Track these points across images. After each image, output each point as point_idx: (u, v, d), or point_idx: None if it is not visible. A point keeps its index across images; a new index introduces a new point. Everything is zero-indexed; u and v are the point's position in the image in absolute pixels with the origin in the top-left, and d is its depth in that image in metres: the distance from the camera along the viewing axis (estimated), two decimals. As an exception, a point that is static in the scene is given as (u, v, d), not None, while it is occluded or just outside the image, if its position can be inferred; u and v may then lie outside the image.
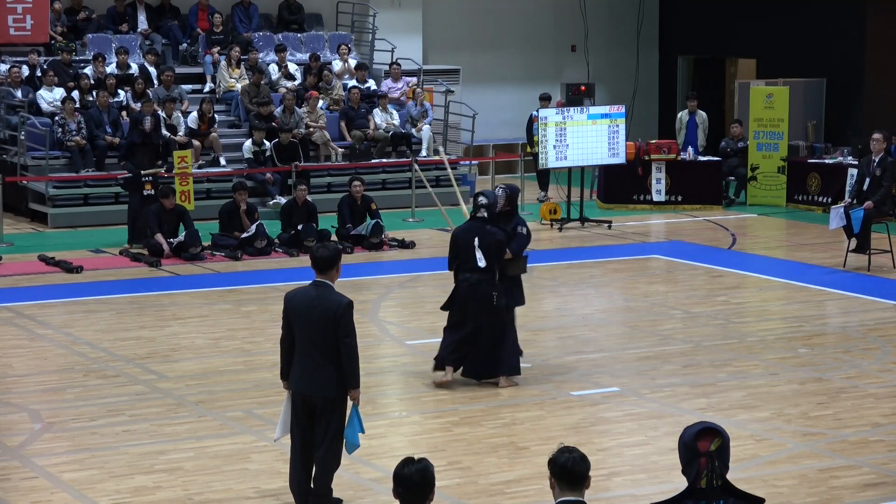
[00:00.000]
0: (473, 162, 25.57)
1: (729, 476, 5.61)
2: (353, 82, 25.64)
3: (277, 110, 24.02)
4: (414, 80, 26.52)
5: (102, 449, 10.85)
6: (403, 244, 20.13)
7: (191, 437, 11.01)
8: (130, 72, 24.28)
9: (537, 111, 24.75)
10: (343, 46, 26.18)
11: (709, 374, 13.08)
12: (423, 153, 24.76)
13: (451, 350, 12.64)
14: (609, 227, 21.88)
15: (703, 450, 5.62)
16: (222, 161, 23.38)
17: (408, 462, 5.85)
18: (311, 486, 9.40)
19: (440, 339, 14.32)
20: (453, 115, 26.03)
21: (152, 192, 19.91)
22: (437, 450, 10.70)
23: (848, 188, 21.28)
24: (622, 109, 22.76)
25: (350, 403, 9.37)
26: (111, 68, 24.16)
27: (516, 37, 29.95)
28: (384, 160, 24.40)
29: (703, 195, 23.78)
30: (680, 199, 23.76)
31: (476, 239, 12.50)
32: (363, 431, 9.49)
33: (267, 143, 22.89)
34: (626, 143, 22.73)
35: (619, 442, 11.10)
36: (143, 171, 20.12)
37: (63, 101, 22.64)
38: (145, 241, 19.45)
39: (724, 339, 14.45)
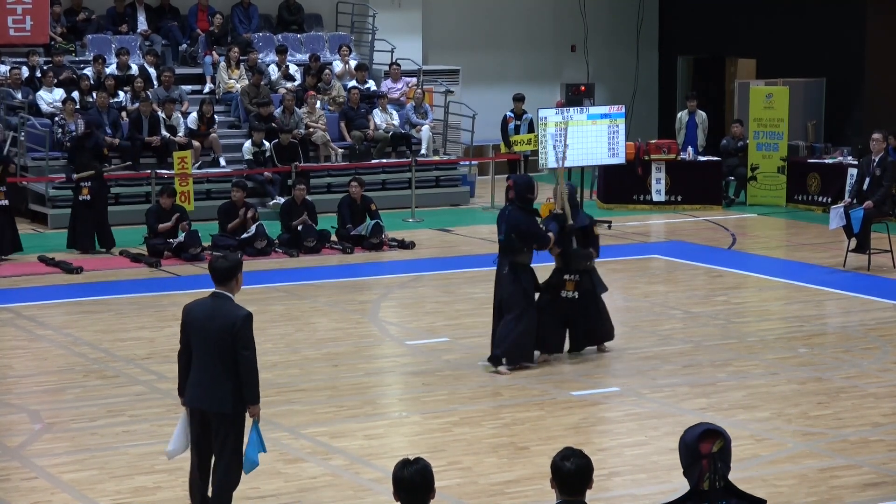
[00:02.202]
0: (473, 162, 25.56)
1: (730, 476, 5.62)
2: (352, 83, 25.65)
3: (277, 111, 24.02)
4: (414, 80, 26.53)
5: (102, 449, 10.85)
6: (403, 244, 20.13)
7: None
8: (131, 73, 24.30)
9: (511, 111, 24.81)
10: (344, 48, 26.18)
11: (709, 374, 13.08)
12: (423, 153, 24.77)
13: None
14: (609, 227, 21.87)
15: (706, 451, 5.63)
16: (222, 162, 23.38)
17: (406, 464, 5.83)
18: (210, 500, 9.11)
19: (440, 339, 14.41)
20: (453, 116, 26.04)
21: (88, 197, 19.56)
22: (437, 450, 10.70)
23: (848, 188, 21.27)
24: (622, 109, 22.75)
25: (250, 420, 8.99)
26: (111, 69, 24.17)
27: (516, 37, 29.95)
28: (384, 160, 24.41)
29: (702, 195, 23.78)
30: (680, 199, 23.76)
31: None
32: (264, 450, 9.04)
33: (267, 144, 22.89)
34: (625, 143, 22.73)
35: (619, 442, 11.10)
36: (75, 176, 19.73)
37: (63, 102, 22.64)
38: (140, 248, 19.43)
39: (725, 339, 14.45)
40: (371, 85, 25.98)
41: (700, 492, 5.63)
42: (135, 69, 24.42)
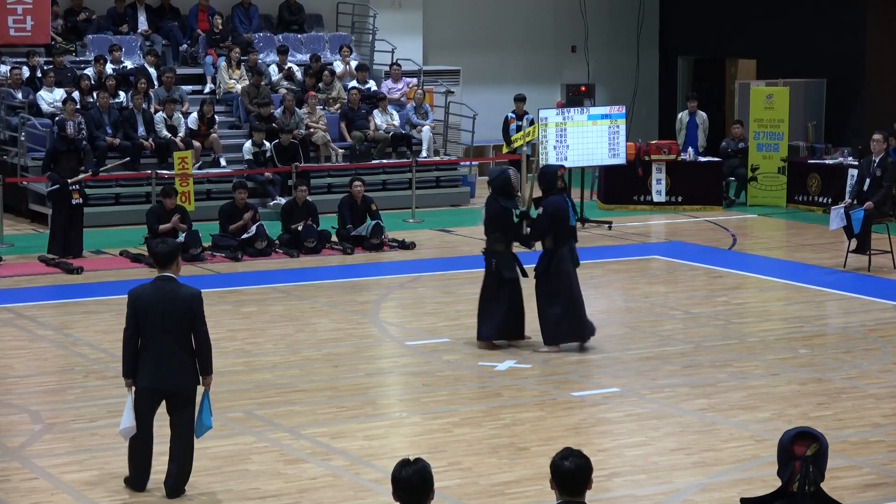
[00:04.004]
0: (474, 163, 25.56)
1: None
2: (353, 83, 25.65)
3: (277, 111, 24.02)
4: (414, 80, 26.53)
5: (103, 450, 10.85)
6: (404, 245, 20.13)
7: (191, 438, 11.00)
8: (123, 65, 24.30)
9: (512, 112, 24.83)
10: (345, 48, 26.18)
11: (709, 375, 13.09)
12: (424, 154, 24.77)
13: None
14: (609, 227, 21.88)
15: (799, 454, 5.62)
16: (222, 162, 23.38)
17: (404, 464, 5.83)
18: (171, 477, 9.73)
19: (440, 340, 14.41)
20: (453, 116, 26.04)
21: (80, 200, 19.28)
22: (438, 450, 10.70)
23: (848, 189, 21.27)
24: (622, 110, 22.77)
25: (201, 390, 9.72)
26: (108, 66, 24.12)
27: (516, 37, 29.95)
28: (384, 161, 24.41)
29: (703, 196, 23.78)
30: (680, 199, 23.76)
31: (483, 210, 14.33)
32: (211, 414, 9.84)
33: (267, 144, 22.89)
34: (626, 144, 22.74)
35: (619, 442, 11.10)
36: (69, 180, 19.23)
37: (64, 102, 22.61)
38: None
39: (725, 340, 14.45)
40: (371, 85, 25.98)
41: (788, 492, 5.61)
42: (129, 65, 24.42)
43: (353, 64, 26.09)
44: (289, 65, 25.62)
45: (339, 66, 26.05)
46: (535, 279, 13.89)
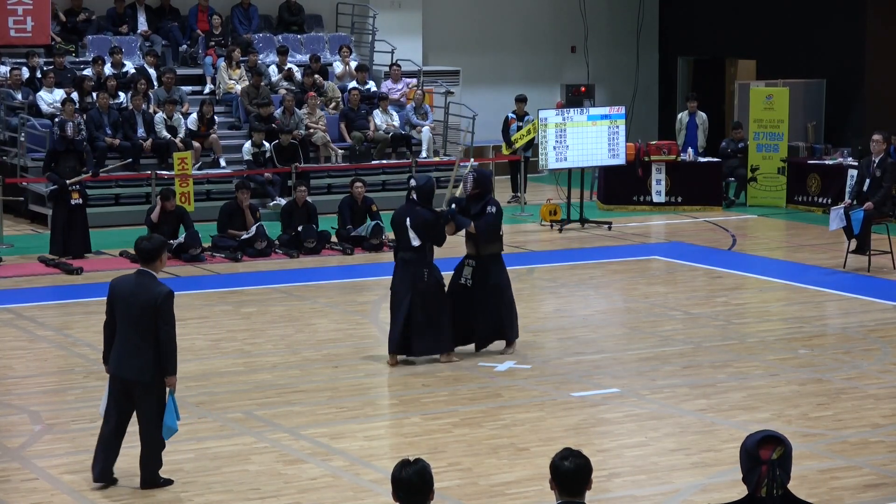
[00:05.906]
0: (473, 163, 25.53)
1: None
2: (353, 84, 25.65)
3: (277, 111, 24.02)
4: (414, 81, 26.54)
5: (103, 450, 10.84)
6: (403, 245, 20.09)
7: (191, 439, 11.00)
8: (125, 70, 24.31)
9: (513, 113, 24.84)
10: (345, 49, 26.18)
11: (709, 375, 13.09)
12: (423, 154, 24.78)
13: (398, 335, 13.38)
14: (609, 228, 21.89)
15: (765, 458, 5.59)
16: (222, 162, 23.38)
17: (404, 464, 5.83)
18: (140, 469, 9.87)
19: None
20: (453, 117, 26.04)
21: (80, 201, 19.20)
22: (438, 451, 10.71)
23: (848, 189, 21.27)
24: (622, 110, 22.77)
25: (167, 389, 9.75)
26: (107, 68, 24.14)
27: (516, 38, 29.95)
28: (384, 161, 24.41)
29: (703, 196, 23.78)
30: (680, 200, 23.77)
31: (408, 220, 13.33)
32: (178, 418, 9.84)
33: (267, 145, 22.89)
34: (626, 144, 22.73)
35: (619, 443, 11.10)
36: (68, 181, 19.12)
37: (63, 103, 22.61)
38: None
39: (725, 340, 14.45)
40: (371, 86, 25.98)
41: (757, 499, 5.58)
42: (129, 67, 24.43)
43: (353, 64, 26.09)
44: (288, 65, 25.64)
45: (338, 67, 26.06)
46: (479, 287, 13.67)
